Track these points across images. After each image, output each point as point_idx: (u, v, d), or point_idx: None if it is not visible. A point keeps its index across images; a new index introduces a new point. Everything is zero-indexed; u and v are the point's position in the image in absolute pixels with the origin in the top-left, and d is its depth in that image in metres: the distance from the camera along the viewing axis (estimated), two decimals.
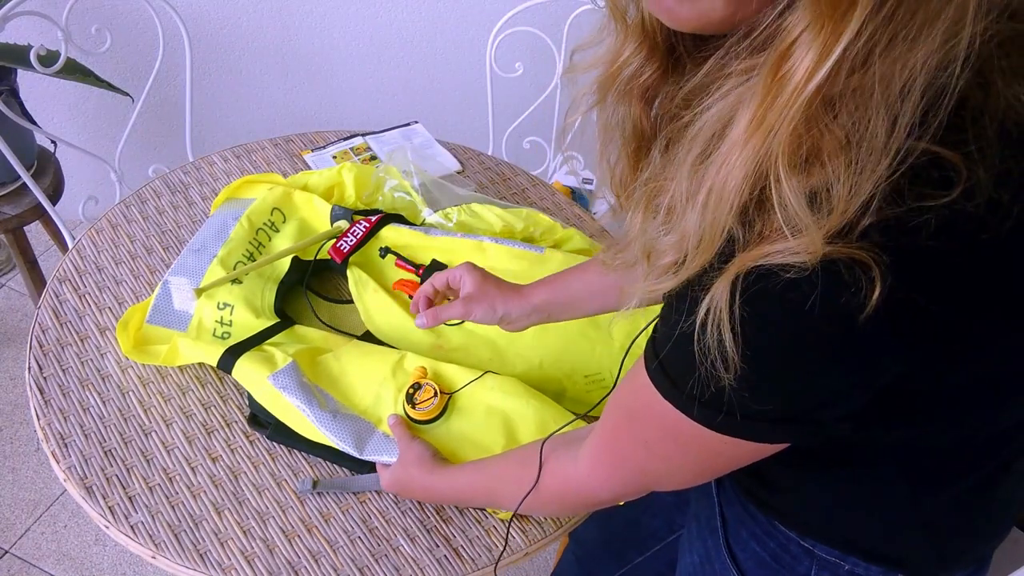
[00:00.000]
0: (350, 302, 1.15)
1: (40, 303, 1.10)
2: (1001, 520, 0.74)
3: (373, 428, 0.98)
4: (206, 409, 1.01)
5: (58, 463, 0.94)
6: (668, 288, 0.55)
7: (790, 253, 0.46)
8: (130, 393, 1.02)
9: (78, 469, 0.93)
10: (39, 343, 1.06)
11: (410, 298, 1.14)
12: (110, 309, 1.11)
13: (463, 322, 1.08)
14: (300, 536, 0.91)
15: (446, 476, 0.89)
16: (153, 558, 0.88)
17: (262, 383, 0.97)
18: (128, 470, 0.94)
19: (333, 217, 1.21)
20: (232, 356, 1.00)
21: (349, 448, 0.94)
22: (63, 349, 1.05)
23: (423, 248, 1.19)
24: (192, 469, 0.95)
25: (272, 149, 1.40)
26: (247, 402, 1.00)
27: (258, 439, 0.99)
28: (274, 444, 0.99)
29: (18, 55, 1.50)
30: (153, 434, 0.98)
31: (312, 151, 1.41)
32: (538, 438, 0.86)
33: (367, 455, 0.95)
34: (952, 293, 0.48)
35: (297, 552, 0.90)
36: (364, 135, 1.46)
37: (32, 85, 1.80)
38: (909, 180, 0.45)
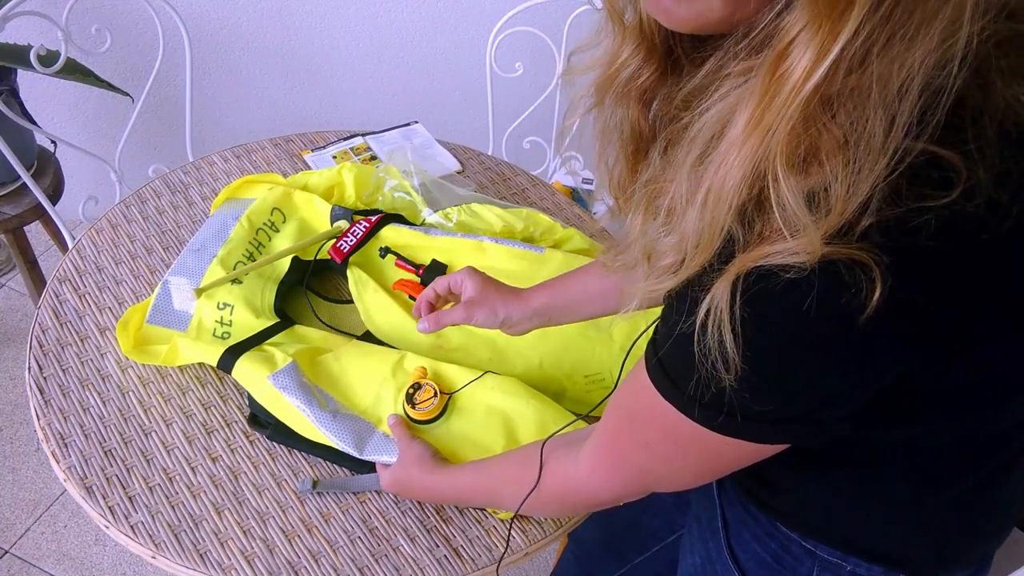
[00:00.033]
0: (350, 302, 1.15)
1: (40, 303, 1.10)
2: (1002, 520, 0.74)
3: (373, 428, 0.98)
4: (206, 409, 1.01)
5: (58, 463, 0.94)
6: (668, 288, 0.55)
7: (789, 253, 0.46)
8: (130, 393, 1.02)
9: (78, 469, 0.94)
10: (39, 343, 1.06)
11: (410, 298, 1.14)
12: (110, 309, 1.11)
13: None
14: (300, 536, 0.91)
15: (446, 476, 0.89)
16: (153, 558, 0.88)
17: (262, 383, 0.97)
18: (128, 470, 0.94)
19: (333, 217, 1.21)
20: (232, 356, 1.00)
21: (349, 448, 0.94)
22: (63, 349, 1.05)
23: (423, 248, 1.19)
24: (192, 469, 0.95)
25: (272, 149, 1.40)
26: (247, 402, 1.00)
27: (258, 439, 0.99)
28: (274, 444, 0.99)
29: (18, 55, 1.50)
30: (153, 434, 0.98)
31: (312, 151, 1.41)
32: (538, 438, 0.86)
33: (367, 455, 0.95)
34: (952, 293, 0.48)
35: (297, 552, 0.90)
36: (364, 135, 1.46)
37: (32, 85, 1.80)
38: (909, 180, 0.45)
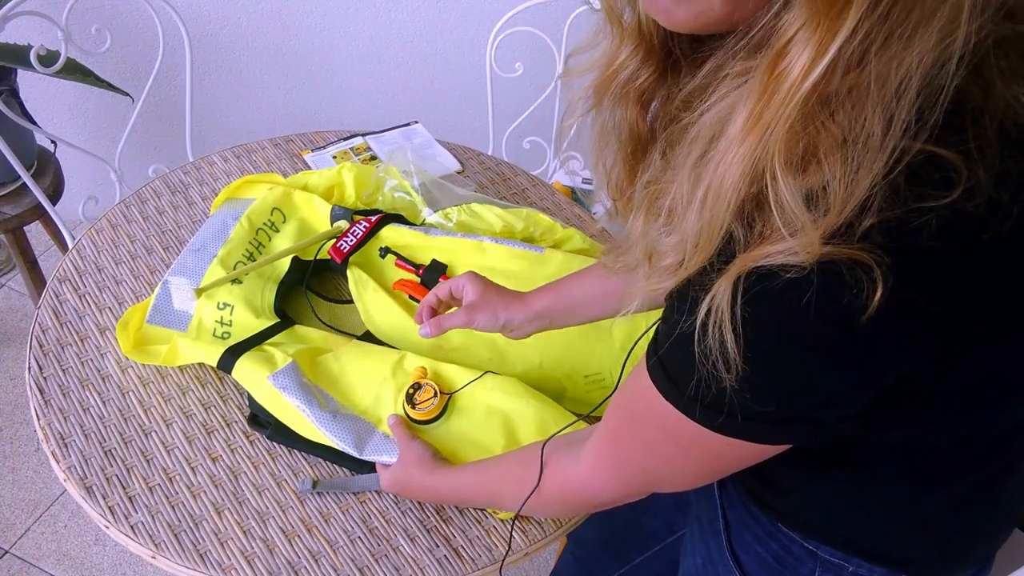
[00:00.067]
0: (350, 302, 1.15)
1: (40, 303, 1.10)
2: (1003, 520, 0.73)
3: (373, 428, 0.98)
4: (206, 409, 1.01)
5: (58, 463, 0.94)
6: (669, 287, 0.55)
7: (789, 253, 0.46)
8: (130, 393, 1.02)
9: (78, 469, 0.93)
10: (39, 343, 1.06)
11: (410, 298, 1.14)
12: (110, 309, 1.11)
13: None
14: (300, 536, 0.91)
15: (446, 476, 0.89)
16: (153, 558, 0.88)
17: (262, 383, 0.97)
18: (128, 470, 0.94)
19: (333, 217, 1.21)
20: (232, 356, 1.00)
21: (349, 448, 0.94)
22: (63, 349, 1.05)
23: (423, 248, 1.19)
24: (192, 469, 0.95)
25: (272, 149, 1.40)
26: (247, 402, 1.00)
27: (258, 439, 0.99)
28: (274, 444, 0.99)
29: (18, 55, 1.50)
30: (153, 434, 0.98)
31: (312, 151, 1.41)
32: (538, 438, 0.86)
33: (367, 455, 0.95)
34: (953, 293, 0.48)
35: (297, 552, 0.90)
36: (364, 135, 1.46)
37: (32, 85, 1.80)
38: (910, 181, 0.45)
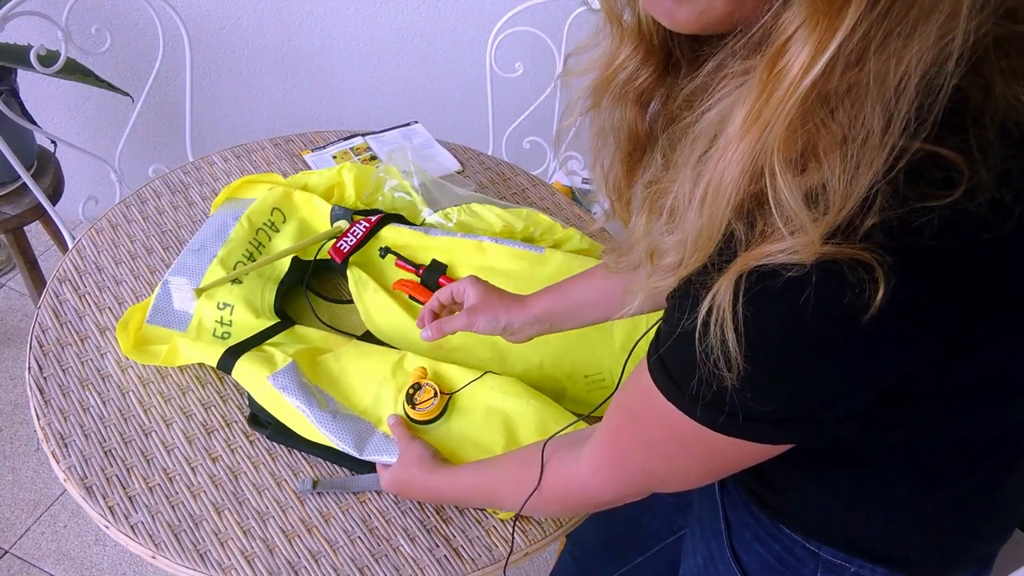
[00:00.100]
0: (350, 302, 1.15)
1: (40, 303, 1.10)
2: (1004, 520, 0.73)
3: (373, 428, 0.98)
4: (206, 409, 1.01)
5: (58, 463, 0.94)
6: (670, 285, 0.55)
7: (790, 252, 0.46)
8: (130, 393, 1.02)
9: (78, 469, 0.93)
10: (39, 343, 1.06)
11: (410, 298, 1.14)
12: (110, 309, 1.11)
13: None
14: (300, 536, 0.91)
15: (447, 476, 0.89)
16: (153, 558, 0.88)
17: (262, 383, 0.97)
18: (128, 470, 0.94)
19: (333, 217, 1.21)
20: (232, 356, 1.00)
21: (349, 448, 0.94)
22: (63, 349, 1.05)
23: (423, 248, 1.19)
24: (192, 469, 0.95)
25: (272, 149, 1.40)
26: (247, 402, 1.00)
27: (258, 439, 0.99)
28: (274, 444, 0.99)
29: (18, 55, 1.50)
30: (153, 434, 0.98)
31: (312, 151, 1.41)
32: (538, 438, 0.86)
33: (367, 455, 0.95)
34: (955, 293, 0.48)
35: (297, 552, 0.90)
36: (364, 135, 1.46)
37: (32, 85, 1.80)
38: (912, 180, 0.45)
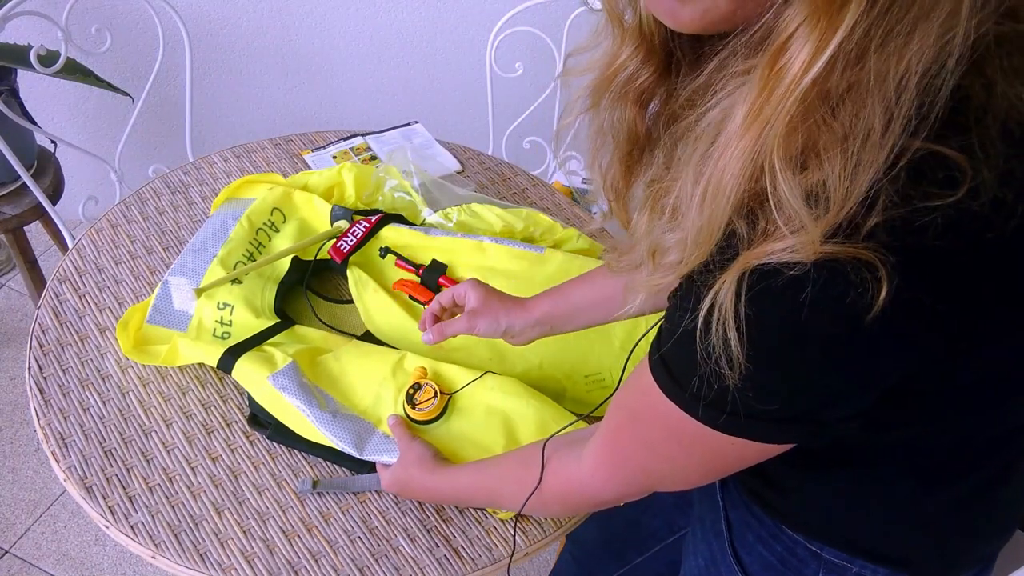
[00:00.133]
0: (350, 302, 1.15)
1: (40, 303, 1.10)
2: (1004, 520, 0.73)
3: (373, 428, 0.98)
4: (206, 409, 1.01)
5: (58, 463, 0.94)
6: (671, 282, 0.55)
7: (791, 251, 0.46)
8: (130, 393, 1.02)
9: (78, 469, 0.93)
10: (39, 343, 1.06)
11: (410, 298, 1.14)
12: (110, 309, 1.11)
13: None
14: (300, 536, 0.91)
15: (447, 476, 0.89)
16: (153, 558, 0.88)
17: (262, 383, 0.97)
18: (128, 470, 0.94)
19: (333, 217, 1.21)
20: (232, 356, 1.00)
21: (349, 448, 0.94)
22: (63, 349, 1.05)
23: (423, 248, 1.18)
24: (192, 469, 0.95)
25: (272, 149, 1.40)
26: (247, 402, 1.00)
27: (258, 439, 0.99)
28: (274, 444, 0.99)
29: (18, 55, 1.50)
30: (153, 434, 0.98)
31: (312, 151, 1.41)
32: (538, 438, 0.85)
33: (367, 455, 0.95)
34: (958, 292, 0.48)
35: (297, 552, 0.90)
36: (364, 135, 1.46)
37: (32, 85, 1.80)
38: (914, 180, 0.45)
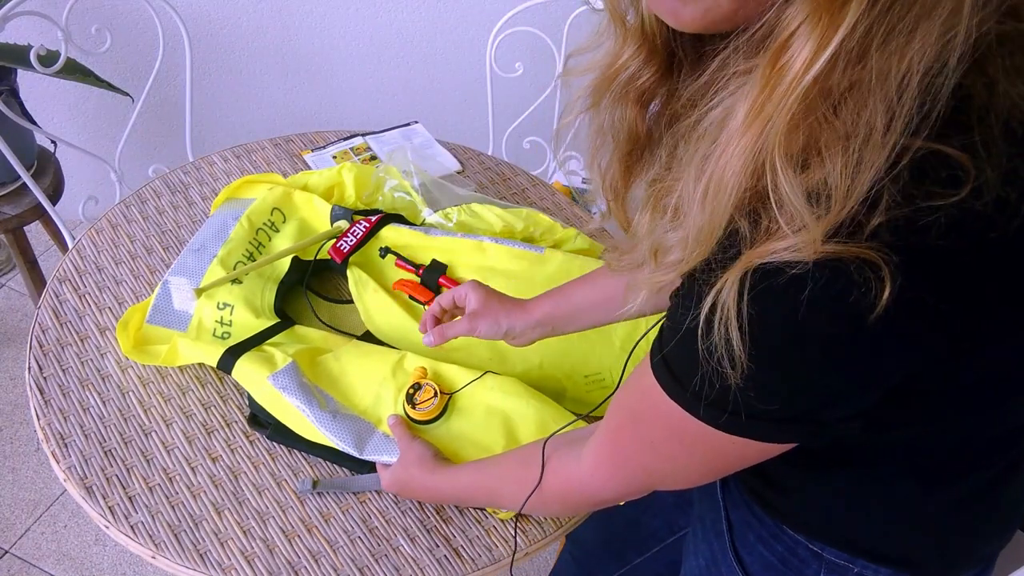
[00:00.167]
0: (350, 302, 1.15)
1: (40, 303, 1.10)
2: (1005, 521, 0.73)
3: (373, 428, 0.98)
4: (206, 409, 1.01)
5: (58, 463, 0.94)
6: (672, 279, 0.55)
7: (793, 250, 0.46)
8: (130, 393, 1.02)
9: (78, 469, 0.93)
10: (39, 343, 1.06)
11: (410, 298, 1.14)
12: (110, 309, 1.11)
13: None
14: (300, 536, 0.91)
15: (447, 476, 0.89)
16: (153, 558, 0.88)
17: (262, 383, 0.97)
18: (128, 470, 0.94)
19: (333, 217, 1.21)
20: (232, 356, 1.00)
21: (349, 448, 0.94)
22: (63, 349, 1.05)
23: (423, 248, 1.19)
24: (192, 469, 0.95)
25: (272, 149, 1.40)
26: (247, 402, 1.00)
27: (258, 439, 0.99)
28: (274, 444, 0.99)
29: (18, 55, 1.50)
30: (153, 434, 0.98)
31: (312, 151, 1.41)
32: (538, 438, 0.85)
33: (367, 455, 0.95)
34: (961, 292, 0.48)
35: (297, 552, 0.90)
36: (364, 135, 1.46)
37: (32, 85, 1.80)
38: (917, 179, 0.45)
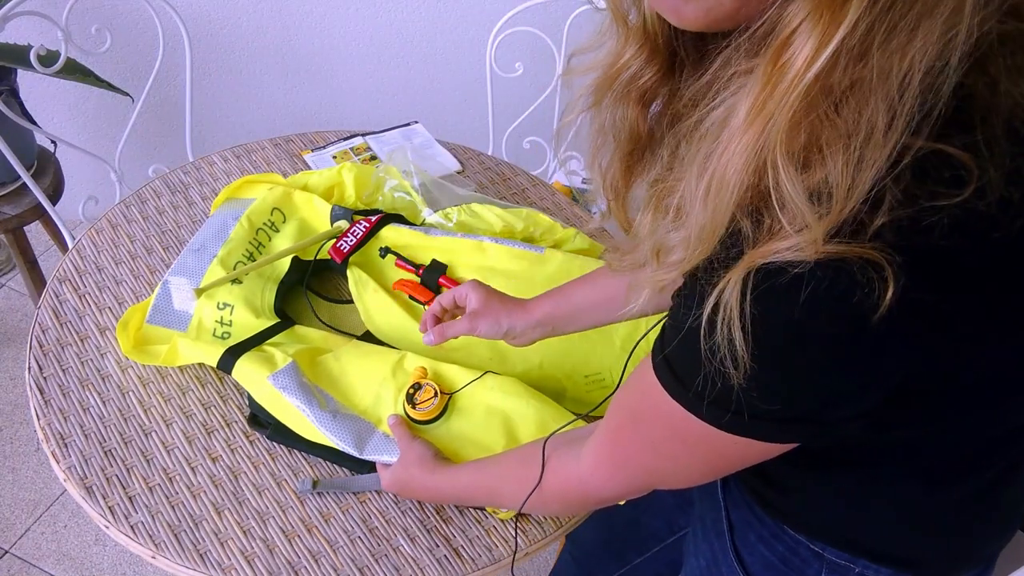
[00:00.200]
0: (350, 302, 1.15)
1: (40, 303, 1.10)
2: (1007, 520, 0.73)
3: (373, 428, 0.98)
4: (206, 409, 1.01)
5: (58, 463, 0.94)
6: (674, 277, 0.55)
7: (795, 250, 0.46)
8: (130, 393, 1.02)
9: (78, 469, 0.93)
10: (39, 343, 1.06)
11: (410, 298, 1.14)
12: (110, 309, 1.11)
13: None
14: (300, 536, 0.91)
15: (447, 475, 0.89)
16: (153, 558, 0.88)
17: (262, 383, 0.97)
18: (128, 470, 0.94)
19: (333, 217, 1.21)
20: (232, 356, 1.00)
21: (349, 448, 0.94)
22: (63, 349, 1.05)
23: (423, 248, 1.19)
24: (192, 469, 0.95)
25: (272, 149, 1.40)
26: (247, 402, 1.00)
27: (258, 439, 0.99)
28: (274, 444, 0.99)
29: (18, 55, 1.50)
30: (153, 434, 0.98)
31: (312, 151, 1.41)
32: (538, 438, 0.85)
33: (367, 455, 0.95)
34: (964, 292, 0.48)
35: (297, 552, 0.90)
36: (364, 135, 1.46)
37: (32, 85, 1.80)
38: (920, 179, 0.45)
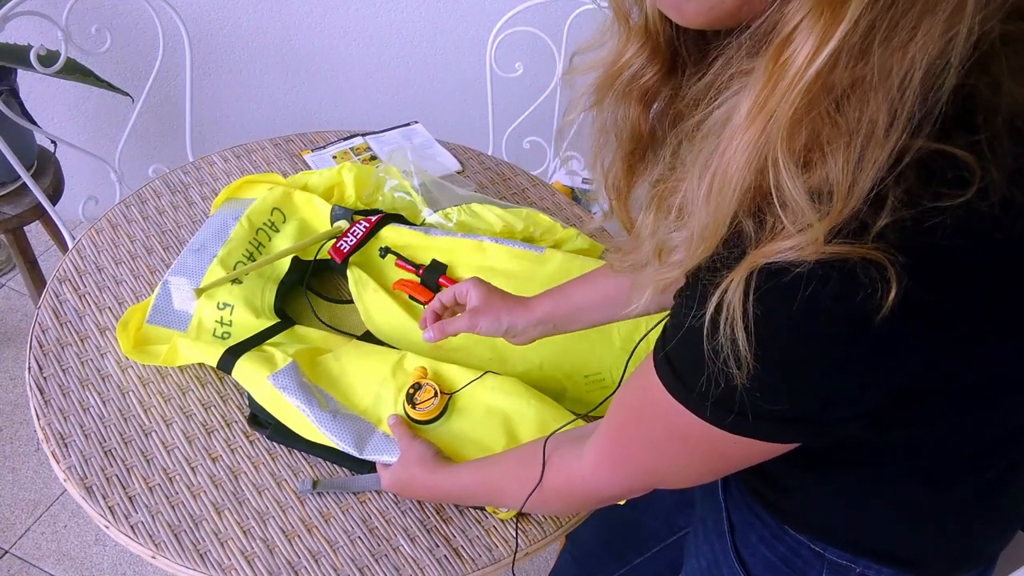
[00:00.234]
0: (350, 302, 1.15)
1: (40, 303, 1.10)
2: (1008, 520, 0.73)
3: (373, 428, 0.98)
4: (206, 409, 1.01)
5: (58, 463, 0.94)
6: (676, 276, 0.55)
7: (798, 249, 0.46)
8: (130, 393, 1.02)
9: (78, 469, 0.93)
10: (39, 343, 1.06)
11: (410, 298, 1.14)
12: (110, 309, 1.11)
13: None
14: (300, 536, 0.91)
15: (448, 475, 0.89)
16: (153, 558, 0.88)
17: (262, 383, 0.97)
18: (128, 470, 0.94)
19: (333, 217, 1.21)
20: (232, 356, 1.00)
21: (349, 448, 0.94)
22: (63, 349, 1.05)
23: (423, 248, 1.19)
24: (192, 469, 0.95)
25: (272, 149, 1.40)
26: (247, 402, 1.00)
27: (258, 439, 0.99)
28: (274, 444, 0.99)
29: (18, 55, 1.50)
30: (153, 434, 0.98)
31: (312, 151, 1.41)
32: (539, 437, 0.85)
33: (367, 455, 0.95)
34: (966, 293, 0.48)
35: (297, 552, 0.90)
36: (364, 135, 1.46)
37: (32, 85, 1.80)
38: (924, 180, 0.45)
